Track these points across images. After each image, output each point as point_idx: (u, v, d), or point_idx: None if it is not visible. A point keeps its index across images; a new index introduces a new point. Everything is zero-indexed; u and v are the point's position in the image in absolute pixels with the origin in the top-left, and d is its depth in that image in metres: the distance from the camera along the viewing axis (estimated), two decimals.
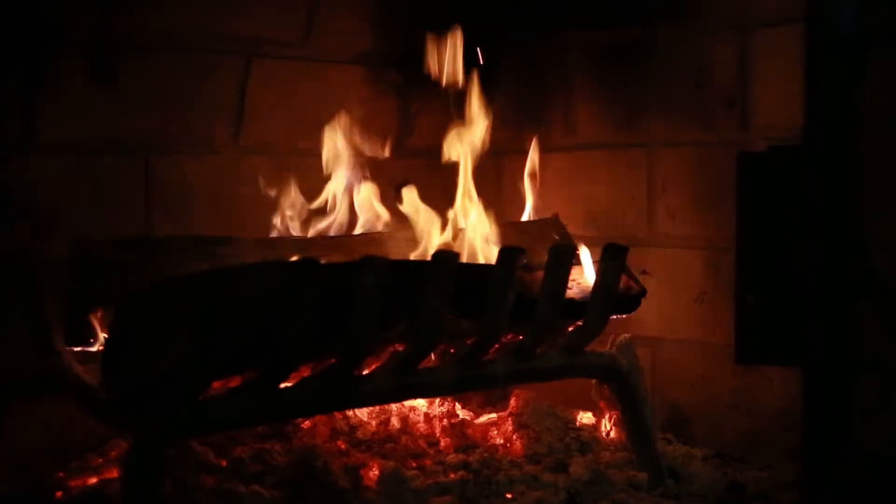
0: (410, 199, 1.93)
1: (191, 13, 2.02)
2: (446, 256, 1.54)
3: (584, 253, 1.83)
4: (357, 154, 2.05)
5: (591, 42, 2.26)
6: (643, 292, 1.91)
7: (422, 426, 1.93)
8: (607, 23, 2.21)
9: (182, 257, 1.67)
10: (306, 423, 1.83)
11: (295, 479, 1.63)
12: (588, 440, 1.93)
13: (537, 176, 2.12)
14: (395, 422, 1.92)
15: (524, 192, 2.11)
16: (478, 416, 2.02)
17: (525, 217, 2.11)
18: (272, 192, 2.01)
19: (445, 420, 1.95)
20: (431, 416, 1.95)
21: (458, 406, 2.01)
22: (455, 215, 1.96)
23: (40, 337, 1.58)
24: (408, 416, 1.94)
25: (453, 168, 2.05)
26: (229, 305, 1.41)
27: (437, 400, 1.97)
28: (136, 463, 1.39)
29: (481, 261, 1.86)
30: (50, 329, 1.58)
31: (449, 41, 2.06)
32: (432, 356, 1.73)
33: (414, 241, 1.93)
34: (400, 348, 1.65)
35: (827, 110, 1.25)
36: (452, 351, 1.79)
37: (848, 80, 1.23)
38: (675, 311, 2.12)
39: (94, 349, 1.60)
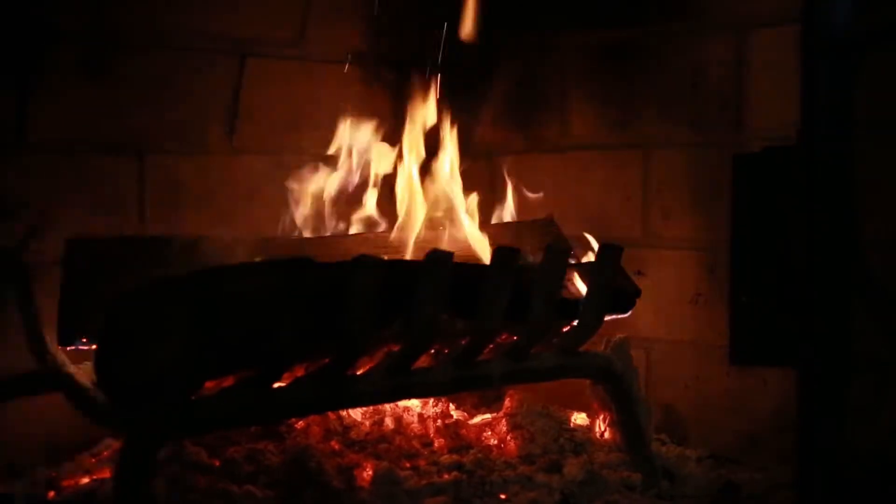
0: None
1: (185, 12, 2.01)
2: (441, 256, 1.54)
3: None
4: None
5: (585, 43, 2.26)
6: (638, 293, 1.91)
7: (416, 427, 1.93)
8: (602, 23, 2.21)
9: (175, 256, 1.66)
10: (300, 424, 1.83)
11: (288, 479, 1.63)
12: (582, 441, 1.93)
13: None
14: (388, 422, 1.91)
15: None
16: (472, 416, 2.02)
17: (508, 217, 2.10)
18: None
19: (439, 420, 1.95)
20: (425, 416, 1.95)
21: (452, 407, 2.01)
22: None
23: (33, 336, 1.58)
24: (402, 416, 1.93)
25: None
26: (223, 305, 1.40)
27: (431, 400, 1.97)
28: (128, 463, 1.39)
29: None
30: (42, 328, 1.58)
31: None
32: (427, 356, 1.73)
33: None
34: (394, 348, 1.65)
35: (823, 110, 1.25)
36: (447, 351, 1.79)
37: (844, 81, 1.23)
38: (670, 311, 2.12)
39: (87, 348, 1.59)
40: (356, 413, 1.90)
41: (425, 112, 2.03)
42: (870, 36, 1.26)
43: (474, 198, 1.99)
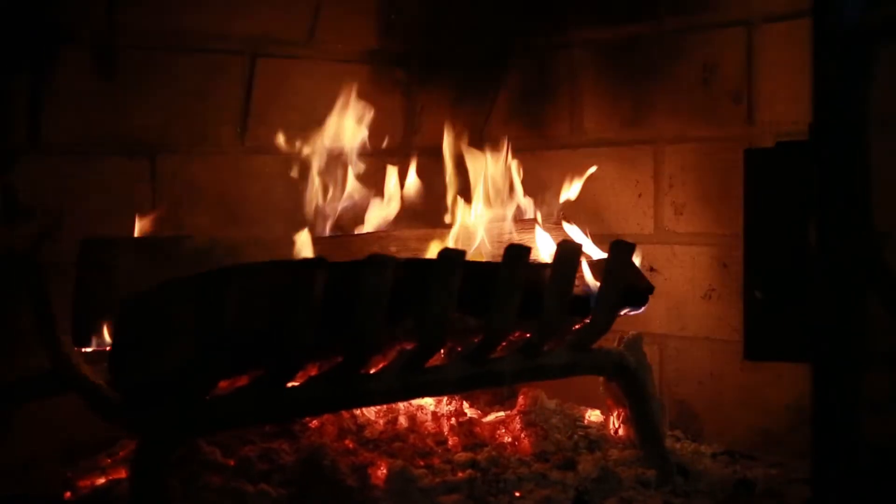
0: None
1: (196, 13, 2.02)
2: (452, 254, 1.54)
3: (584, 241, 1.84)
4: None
5: (596, 38, 2.25)
6: (651, 289, 1.91)
7: (429, 425, 1.93)
8: (613, 19, 2.20)
9: (188, 257, 1.67)
10: (314, 423, 1.83)
11: (302, 478, 1.63)
12: (596, 438, 1.93)
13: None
14: (402, 420, 1.91)
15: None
16: (485, 414, 2.02)
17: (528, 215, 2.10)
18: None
19: (453, 419, 1.95)
20: (439, 414, 1.95)
21: (465, 405, 2.01)
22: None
23: (48, 337, 1.59)
24: (415, 414, 1.93)
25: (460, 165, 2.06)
26: (235, 305, 1.41)
27: (445, 399, 1.97)
28: (144, 462, 1.39)
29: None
30: (57, 329, 1.58)
31: None
32: (439, 354, 1.73)
33: (422, 240, 1.93)
34: (407, 346, 1.65)
35: (835, 104, 1.24)
36: (459, 349, 1.79)
37: (856, 73, 1.22)
38: (683, 307, 2.12)
39: (102, 349, 1.60)
40: (370, 412, 1.90)
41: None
42: (882, 28, 1.25)
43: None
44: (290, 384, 1.52)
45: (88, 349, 1.61)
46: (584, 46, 2.27)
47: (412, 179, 2.05)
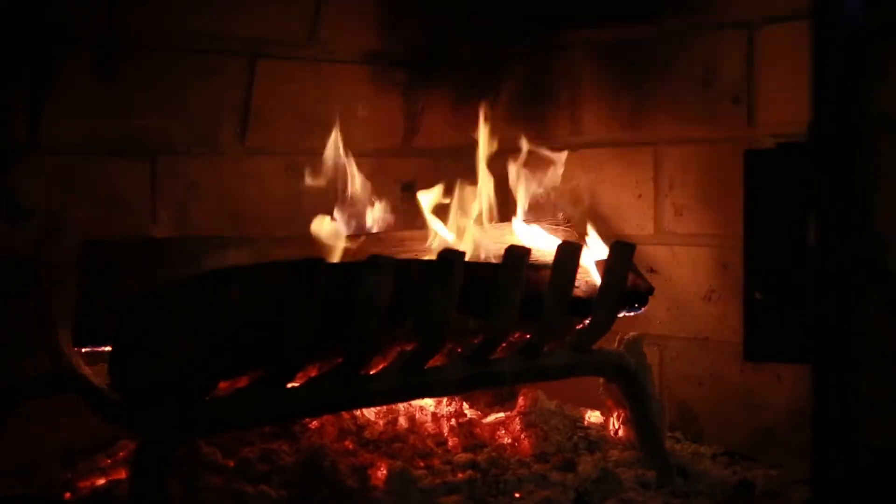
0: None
1: (195, 14, 2.02)
2: (452, 255, 1.54)
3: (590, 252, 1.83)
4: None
5: (596, 40, 2.25)
6: (651, 290, 1.91)
7: (429, 426, 1.93)
8: (613, 20, 2.20)
9: (189, 258, 1.67)
10: (314, 423, 1.83)
11: (302, 478, 1.63)
12: (596, 439, 1.93)
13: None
14: (402, 421, 1.91)
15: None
16: (485, 415, 2.02)
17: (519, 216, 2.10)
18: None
19: (453, 419, 1.95)
20: (439, 415, 1.95)
21: (465, 405, 2.01)
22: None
23: (48, 338, 1.59)
24: (415, 415, 1.93)
25: (463, 167, 2.06)
26: (236, 306, 1.41)
27: (445, 399, 1.97)
28: (143, 463, 1.39)
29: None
30: (57, 330, 1.59)
31: None
32: (440, 355, 1.73)
33: (423, 241, 1.93)
34: (407, 347, 1.65)
35: (835, 105, 1.24)
36: (460, 350, 1.79)
37: (856, 74, 1.22)
38: (683, 308, 2.11)
39: (101, 350, 1.60)
40: (370, 412, 1.90)
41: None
42: (882, 28, 1.25)
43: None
44: (290, 385, 1.52)
45: (88, 349, 1.61)
46: (585, 47, 2.27)
47: None
